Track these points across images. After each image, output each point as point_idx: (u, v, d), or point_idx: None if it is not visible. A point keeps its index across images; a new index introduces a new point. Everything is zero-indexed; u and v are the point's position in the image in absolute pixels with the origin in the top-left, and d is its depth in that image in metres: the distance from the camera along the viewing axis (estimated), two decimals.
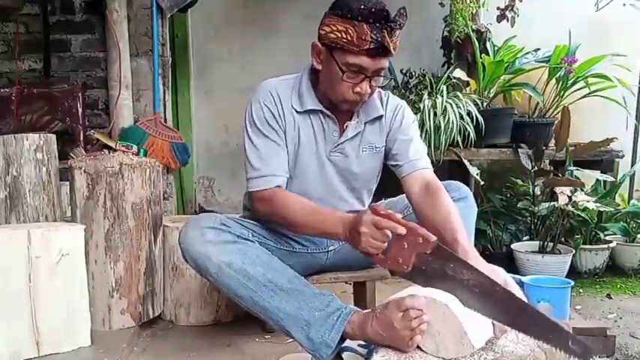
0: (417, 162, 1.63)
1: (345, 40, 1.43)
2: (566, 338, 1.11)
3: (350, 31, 1.42)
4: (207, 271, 1.46)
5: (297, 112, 1.60)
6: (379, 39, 1.41)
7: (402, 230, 1.24)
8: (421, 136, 2.63)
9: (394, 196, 1.79)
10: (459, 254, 1.31)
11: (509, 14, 2.99)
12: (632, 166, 3.07)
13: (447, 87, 2.78)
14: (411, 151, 1.65)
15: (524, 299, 1.23)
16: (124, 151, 2.42)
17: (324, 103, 1.60)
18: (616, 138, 2.68)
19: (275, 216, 1.56)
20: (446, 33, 3.11)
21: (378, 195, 1.86)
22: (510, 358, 1.20)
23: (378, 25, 1.40)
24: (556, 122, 2.79)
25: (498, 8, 3.03)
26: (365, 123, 1.65)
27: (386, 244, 1.28)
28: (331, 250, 1.78)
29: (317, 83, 1.61)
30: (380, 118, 1.66)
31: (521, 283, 1.98)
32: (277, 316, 1.42)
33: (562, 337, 1.12)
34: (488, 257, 2.64)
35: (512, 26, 2.99)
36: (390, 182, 1.74)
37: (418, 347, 1.25)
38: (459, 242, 1.38)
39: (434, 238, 1.23)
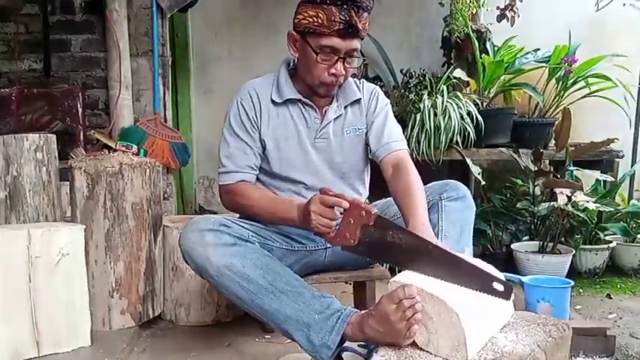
0: (391, 144, 1.72)
1: (316, 24, 1.54)
2: (489, 280, 1.18)
3: (320, 15, 1.53)
4: (207, 274, 1.46)
5: (276, 104, 1.69)
6: (347, 19, 1.52)
7: (346, 204, 1.33)
8: (421, 135, 2.66)
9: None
10: (410, 227, 1.40)
11: (509, 14, 2.98)
12: (632, 166, 3.07)
13: (447, 87, 2.78)
14: (385, 135, 1.73)
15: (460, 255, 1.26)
16: (124, 151, 2.43)
17: (303, 92, 1.69)
18: (617, 138, 2.68)
19: (238, 206, 1.68)
20: (446, 33, 3.10)
21: (375, 195, 1.86)
22: (510, 358, 1.20)
23: (345, 6, 1.52)
24: (557, 123, 2.78)
25: (498, 8, 3.02)
26: (345, 107, 1.74)
27: (335, 223, 1.38)
28: (329, 248, 1.78)
29: (295, 74, 1.70)
30: (359, 101, 1.76)
31: (521, 283, 1.99)
32: (277, 319, 1.42)
33: (486, 279, 1.19)
34: (489, 257, 2.69)
35: (512, 26, 2.99)
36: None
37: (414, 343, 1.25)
38: (413, 216, 1.45)
39: (374, 210, 1.32)
